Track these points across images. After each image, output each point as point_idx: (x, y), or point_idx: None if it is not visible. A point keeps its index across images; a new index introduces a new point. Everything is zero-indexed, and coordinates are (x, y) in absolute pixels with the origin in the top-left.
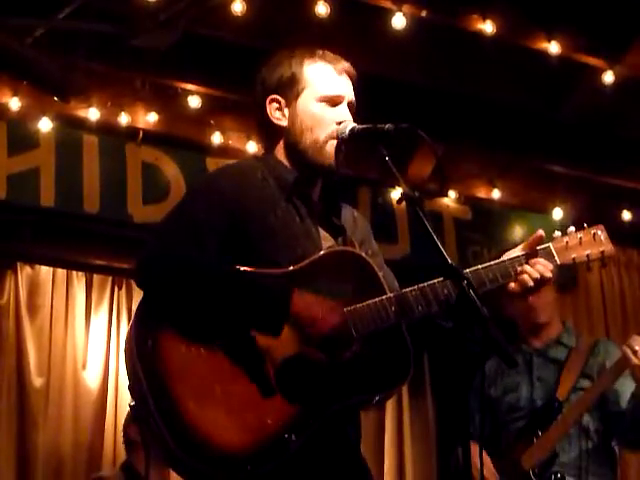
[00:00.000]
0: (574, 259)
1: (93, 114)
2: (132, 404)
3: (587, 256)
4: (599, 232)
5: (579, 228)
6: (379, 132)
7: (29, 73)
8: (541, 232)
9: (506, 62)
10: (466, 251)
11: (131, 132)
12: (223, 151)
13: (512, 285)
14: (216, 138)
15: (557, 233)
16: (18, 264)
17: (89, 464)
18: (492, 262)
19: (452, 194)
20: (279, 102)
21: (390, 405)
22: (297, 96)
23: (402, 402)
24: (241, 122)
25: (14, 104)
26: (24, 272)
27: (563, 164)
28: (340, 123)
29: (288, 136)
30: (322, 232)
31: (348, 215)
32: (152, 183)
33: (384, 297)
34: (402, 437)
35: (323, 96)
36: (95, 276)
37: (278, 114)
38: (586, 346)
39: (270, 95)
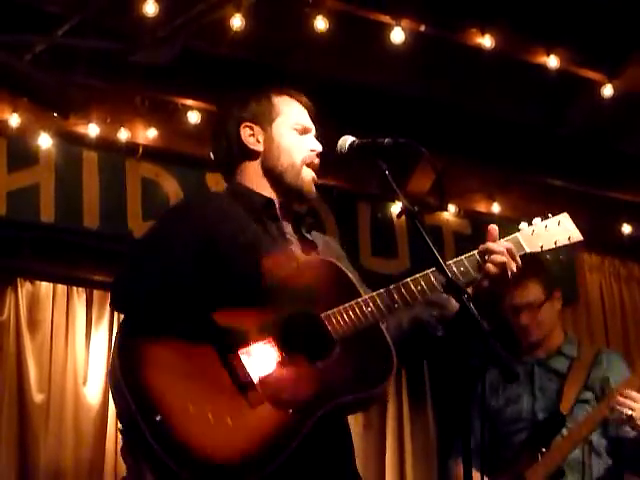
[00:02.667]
0: (542, 247)
1: (93, 130)
2: (122, 429)
3: (555, 242)
4: (564, 219)
5: (544, 217)
6: (378, 146)
7: (28, 89)
8: (493, 226)
9: (505, 76)
10: None
11: (131, 148)
12: None
13: (484, 283)
14: None
15: (523, 224)
16: (18, 280)
17: (90, 479)
18: (462, 256)
19: (452, 208)
20: (252, 128)
21: (391, 418)
22: (271, 123)
23: (403, 415)
24: None
25: (14, 120)
26: (24, 288)
27: (562, 178)
28: (313, 150)
29: (265, 160)
30: (294, 249)
31: (318, 238)
32: (152, 199)
33: (359, 299)
34: (403, 452)
35: (296, 124)
36: (95, 292)
37: (252, 140)
38: (588, 357)
39: (244, 122)
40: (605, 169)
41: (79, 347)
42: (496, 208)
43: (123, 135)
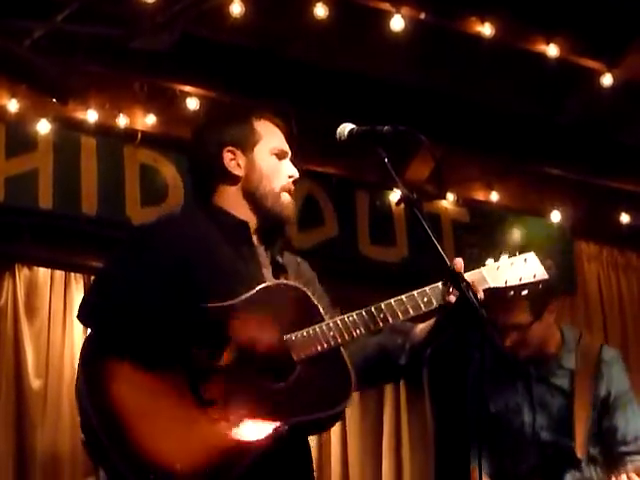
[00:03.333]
0: (506, 282)
1: (91, 116)
2: (84, 440)
3: (519, 279)
4: (531, 257)
5: (511, 255)
6: (377, 134)
7: (27, 75)
8: (459, 259)
9: (504, 65)
10: (464, 254)
11: (129, 134)
12: None
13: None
14: None
15: (489, 260)
16: (16, 266)
17: (87, 465)
18: (427, 287)
19: (450, 197)
20: (234, 153)
21: (388, 408)
22: (252, 148)
23: (400, 405)
24: None
25: (12, 106)
26: (22, 274)
27: (561, 167)
28: (291, 177)
29: (245, 184)
30: (265, 272)
31: (291, 260)
32: (150, 185)
33: (323, 323)
34: (400, 440)
35: (275, 149)
36: (93, 278)
37: (233, 164)
38: (589, 369)
39: (226, 146)
40: (604, 158)
41: (77, 333)
42: (494, 197)
43: (122, 121)
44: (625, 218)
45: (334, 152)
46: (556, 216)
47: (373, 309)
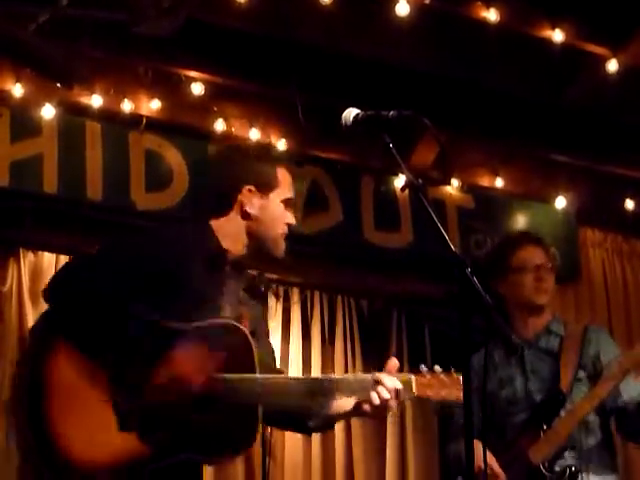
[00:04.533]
0: (429, 396)
1: (96, 101)
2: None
3: (442, 397)
4: (461, 378)
5: (445, 370)
6: (382, 119)
7: (32, 60)
8: (395, 361)
9: (509, 50)
10: (468, 240)
11: (134, 119)
12: (226, 138)
13: (365, 406)
14: (219, 125)
15: (423, 367)
16: (21, 250)
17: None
18: (358, 374)
19: (455, 182)
20: (253, 192)
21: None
22: (269, 192)
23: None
24: (244, 109)
25: (17, 91)
26: (27, 258)
27: (566, 153)
28: (289, 225)
29: (254, 223)
30: (225, 305)
31: (255, 309)
32: (155, 170)
33: (257, 376)
34: (404, 427)
35: (286, 199)
36: (71, 258)
37: (249, 202)
38: (577, 334)
39: (248, 184)
40: (609, 144)
41: None
42: (499, 182)
43: (127, 106)
44: (630, 205)
45: (339, 137)
46: (561, 202)
47: (305, 379)
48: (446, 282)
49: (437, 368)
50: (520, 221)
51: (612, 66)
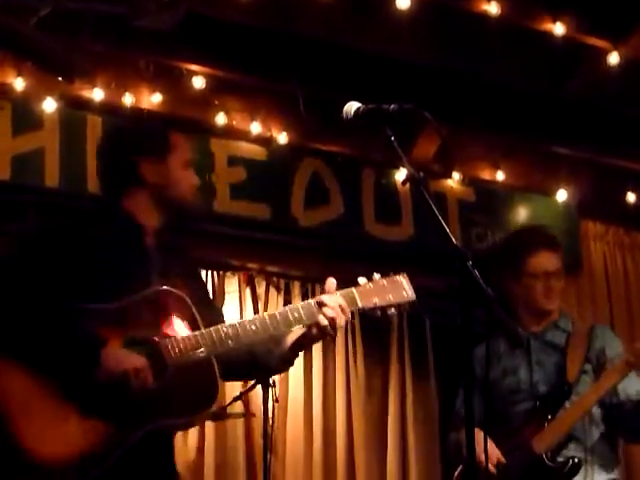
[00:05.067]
0: (375, 302)
1: (97, 95)
2: None
3: (389, 298)
4: (402, 279)
5: (384, 275)
6: (383, 113)
7: (33, 53)
8: (332, 279)
9: (511, 43)
10: (470, 233)
11: (135, 113)
12: (227, 131)
13: (314, 330)
14: (220, 118)
15: (362, 279)
16: None
17: None
18: (299, 303)
19: (456, 175)
20: (150, 161)
21: (393, 388)
22: (165, 157)
23: (405, 385)
24: (245, 102)
25: (18, 84)
26: None
27: (567, 146)
28: (194, 187)
29: (158, 190)
30: (153, 275)
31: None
32: None
33: (198, 332)
34: (405, 420)
35: (184, 160)
36: None
37: (148, 171)
38: (584, 331)
39: (143, 154)
40: (610, 137)
41: None
42: (500, 176)
43: (128, 100)
44: (631, 197)
45: (340, 130)
46: (562, 195)
47: (247, 321)
48: (447, 275)
49: (376, 275)
50: (521, 214)
51: (613, 59)
